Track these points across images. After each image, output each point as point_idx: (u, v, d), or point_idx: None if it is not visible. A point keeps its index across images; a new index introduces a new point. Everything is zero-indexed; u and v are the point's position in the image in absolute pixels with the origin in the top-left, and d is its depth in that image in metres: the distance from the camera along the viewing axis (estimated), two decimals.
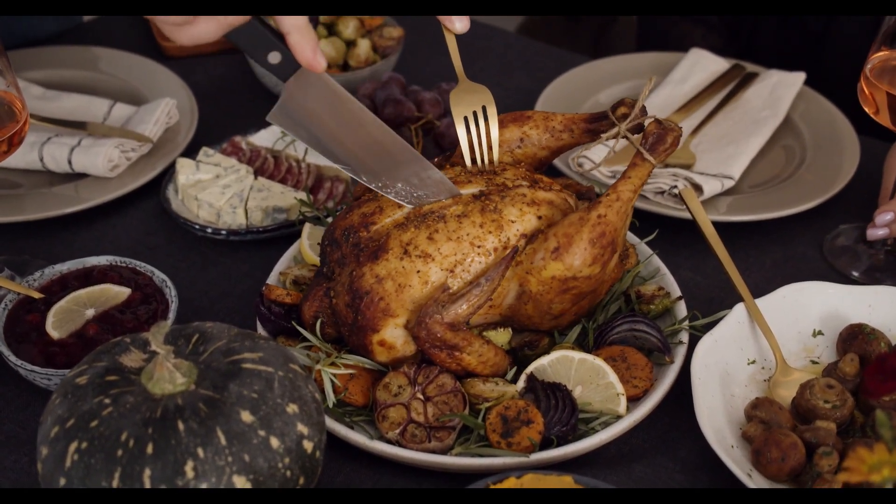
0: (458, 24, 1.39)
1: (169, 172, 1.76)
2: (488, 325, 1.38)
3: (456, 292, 1.32)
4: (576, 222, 1.33)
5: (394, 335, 1.33)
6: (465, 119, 1.43)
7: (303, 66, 1.26)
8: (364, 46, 1.96)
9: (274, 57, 1.24)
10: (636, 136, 1.41)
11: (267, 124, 1.86)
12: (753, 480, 1.26)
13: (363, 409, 1.36)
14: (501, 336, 1.38)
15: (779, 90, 1.92)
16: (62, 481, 1.09)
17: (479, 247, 1.34)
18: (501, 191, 1.38)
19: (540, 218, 1.37)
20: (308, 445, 1.14)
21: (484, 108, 1.43)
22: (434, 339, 1.31)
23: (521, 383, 1.35)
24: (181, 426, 1.08)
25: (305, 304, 1.40)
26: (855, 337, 1.43)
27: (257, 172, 1.74)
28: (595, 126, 1.46)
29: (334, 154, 1.33)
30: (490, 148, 1.43)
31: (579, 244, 1.32)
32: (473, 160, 1.44)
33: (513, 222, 1.35)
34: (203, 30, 1.15)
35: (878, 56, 1.54)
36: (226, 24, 1.15)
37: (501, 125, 1.48)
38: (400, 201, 1.37)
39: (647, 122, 1.41)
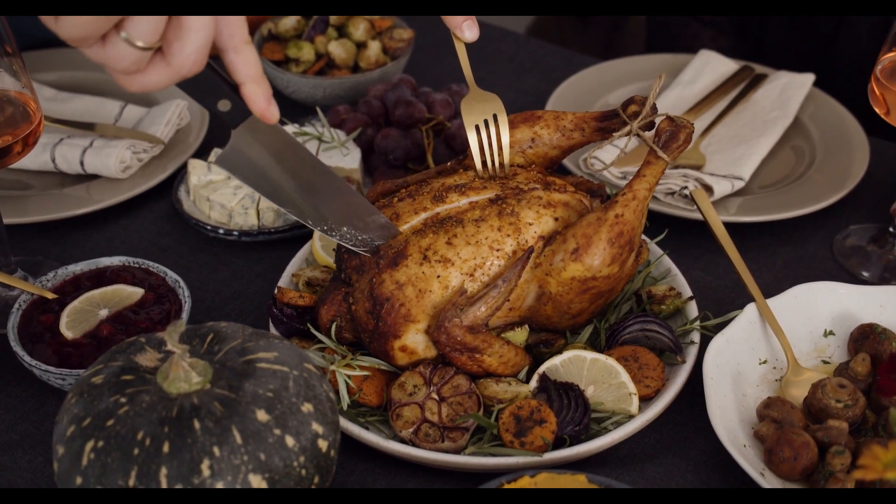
0: (468, 32, 1.40)
1: (180, 173, 1.77)
2: (506, 326, 1.38)
3: (473, 295, 1.33)
4: (594, 223, 1.33)
5: (415, 340, 1.34)
6: (477, 127, 1.44)
7: (254, 115, 1.24)
8: (374, 48, 1.96)
9: (224, 105, 1.22)
10: (648, 133, 1.42)
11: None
12: (766, 480, 1.26)
13: (377, 410, 1.37)
14: (519, 335, 1.38)
15: (788, 91, 1.93)
16: (78, 480, 1.10)
17: (497, 250, 1.34)
18: (517, 194, 1.39)
19: (556, 219, 1.37)
20: (323, 444, 1.15)
21: (495, 116, 1.44)
22: (454, 342, 1.31)
23: (533, 383, 1.35)
24: (197, 425, 1.09)
25: (323, 308, 1.40)
26: (866, 337, 1.43)
27: None
28: (606, 124, 1.46)
29: (281, 199, 1.32)
30: (501, 154, 1.44)
31: (598, 244, 1.32)
32: (485, 164, 1.44)
33: (530, 225, 1.36)
34: (153, 79, 1.13)
35: (889, 57, 1.55)
36: (178, 75, 1.12)
37: (512, 125, 1.49)
38: (345, 244, 1.37)
39: (658, 120, 1.41)
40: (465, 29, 1.40)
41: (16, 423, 1.41)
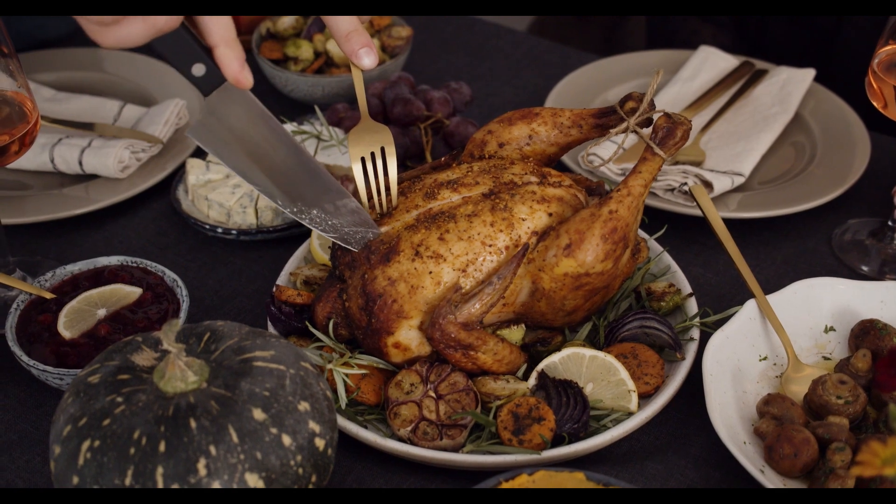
0: (367, 59, 1.33)
1: (179, 173, 1.76)
2: (502, 323, 1.38)
3: (468, 292, 1.32)
4: (587, 218, 1.33)
5: (408, 337, 1.33)
6: (363, 159, 1.37)
7: (228, 82, 1.22)
8: None
9: (198, 69, 1.20)
10: (645, 130, 1.41)
11: None
12: (766, 477, 1.25)
13: (375, 408, 1.36)
14: (515, 333, 1.38)
15: (788, 86, 1.92)
16: (75, 480, 1.09)
17: (490, 246, 1.33)
18: (511, 188, 1.38)
19: (550, 215, 1.37)
20: (320, 443, 1.14)
21: (383, 150, 1.38)
22: (448, 339, 1.31)
23: (532, 380, 1.35)
24: (193, 424, 1.08)
25: (318, 305, 1.40)
26: (867, 332, 1.42)
27: None
28: (604, 121, 1.45)
29: (251, 175, 1.29)
30: (388, 187, 1.39)
31: (591, 240, 1.32)
32: (370, 199, 1.39)
33: (523, 220, 1.35)
34: (129, 32, 1.09)
35: (886, 50, 1.54)
36: (154, 29, 1.09)
37: (509, 122, 1.48)
38: (314, 228, 1.34)
39: (656, 117, 1.40)
40: (364, 56, 1.33)
41: (14, 423, 1.41)
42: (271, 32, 2.01)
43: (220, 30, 1.14)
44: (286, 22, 2.00)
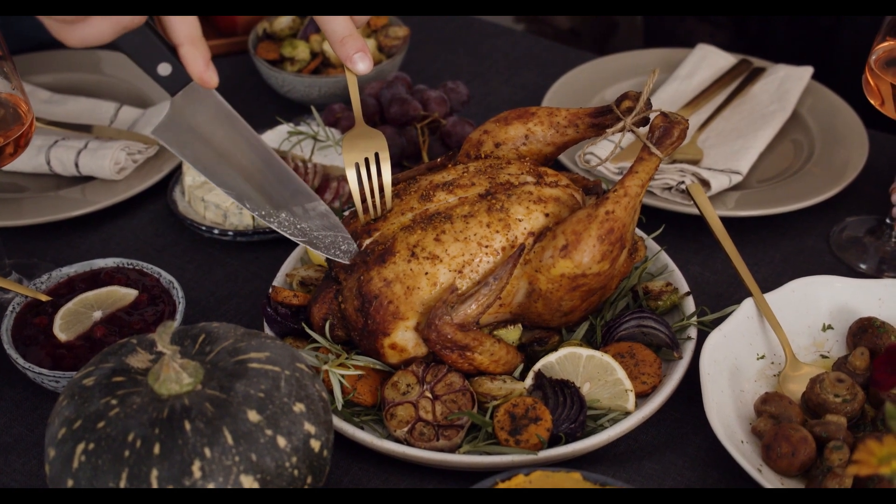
0: (361, 64, 1.32)
1: (175, 174, 1.76)
2: (498, 323, 1.38)
3: (465, 293, 1.32)
4: (584, 219, 1.32)
5: (405, 338, 1.33)
6: (357, 165, 1.37)
7: (193, 81, 1.21)
8: (370, 46, 1.96)
9: (164, 69, 1.19)
10: (642, 129, 1.41)
11: (272, 125, 1.86)
12: (764, 476, 1.25)
13: (371, 409, 1.36)
14: (512, 334, 1.37)
15: (786, 84, 1.92)
16: (70, 483, 1.09)
17: (486, 246, 1.33)
18: (507, 189, 1.38)
19: (547, 215, 1.36)
20: (315, 444, 1.14)
21: (377, 155, 1.37)
22: (444, 340, 1.30)
23: (528, 380, 1.35)
24: (188, 426, 1.08)
25: (315, 307, 1.40)
26: (865, 331, 1.42)
27: None
28: (600, 120, 1.45)
29: (218, 177, 1.27)
30: (382, 193, 1.38)
31: (588, 241, 1.31)
32: (364, 203, 1.38)
33: (520, 220, 1.35)
34: (94, 30, 1.09)
35: (883, 47, 1.53)
36: (119, 26, 1.07)
37: (505, 122, 1.48)
38: (283, 232, 1.33)
39: (652, 116, 1.40)
40: (359, 61, 1.32)
41: (10, 426, 1.40)
42: (268, 33, 2.01)
43: (184, 28, 1.13)
44: (283, 22, 1.99)
